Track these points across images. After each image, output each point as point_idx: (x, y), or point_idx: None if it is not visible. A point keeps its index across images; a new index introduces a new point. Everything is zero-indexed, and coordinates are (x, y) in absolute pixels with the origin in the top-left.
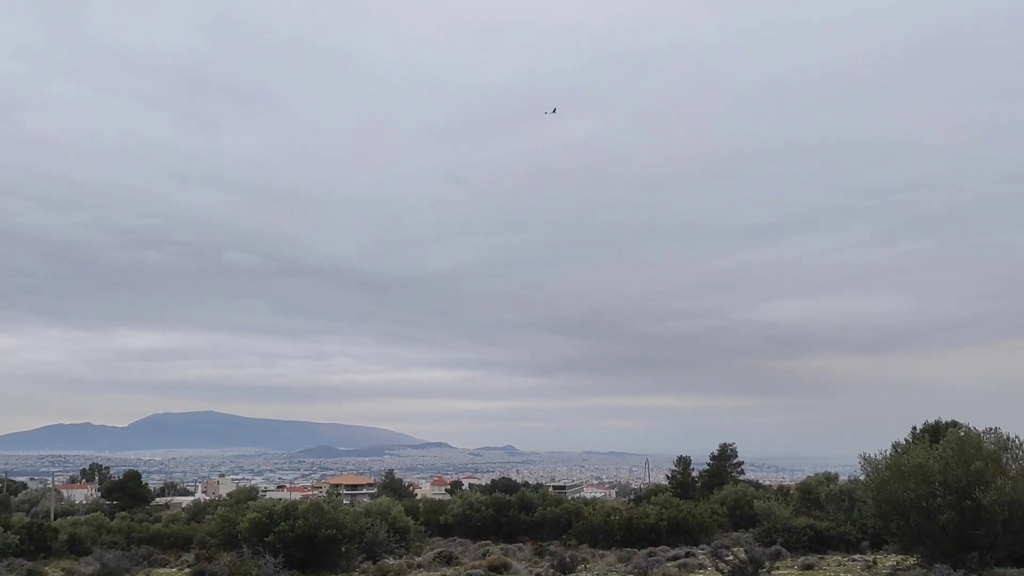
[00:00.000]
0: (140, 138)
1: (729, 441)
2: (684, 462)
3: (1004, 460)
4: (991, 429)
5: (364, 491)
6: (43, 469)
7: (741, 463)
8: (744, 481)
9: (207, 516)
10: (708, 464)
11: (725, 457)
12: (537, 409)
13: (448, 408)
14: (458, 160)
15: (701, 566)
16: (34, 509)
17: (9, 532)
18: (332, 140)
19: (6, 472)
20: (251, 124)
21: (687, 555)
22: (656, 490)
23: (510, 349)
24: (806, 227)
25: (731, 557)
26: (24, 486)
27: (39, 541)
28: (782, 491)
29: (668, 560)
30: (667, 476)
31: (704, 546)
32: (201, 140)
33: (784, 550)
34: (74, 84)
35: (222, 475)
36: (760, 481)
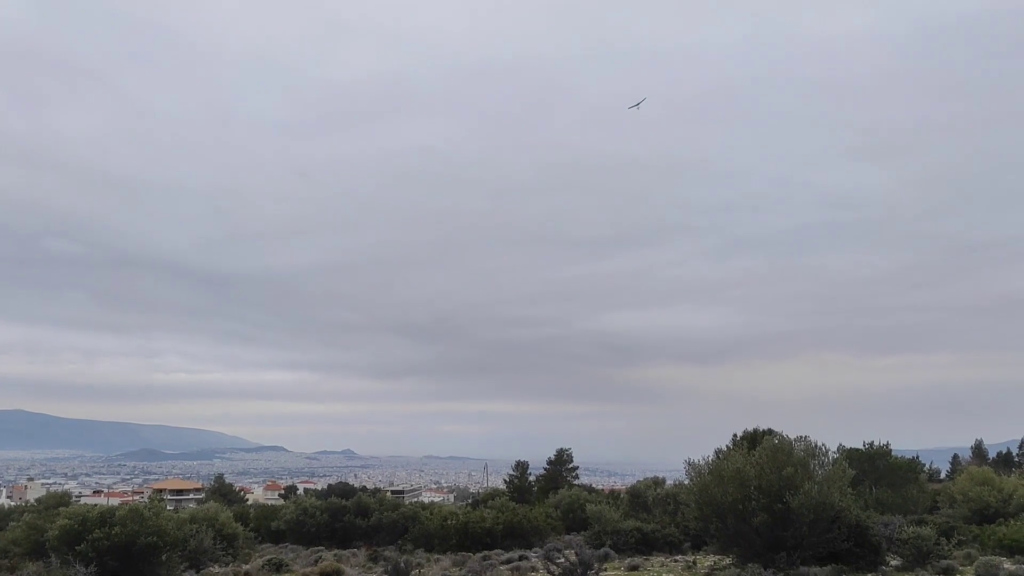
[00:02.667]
0: None
1: (566, 446)
2: (522, 467)
3: (812, 466)
4: (801, 437)
5: (191, 496)
6: None
7: (576, 468)
8: (578, 485)
9: (11, 523)
10: (545, 469)
11: (561, 462)
12: (379, 412)
13: (285, 411)
14: (306, 156)
15: (533, 569)
16: None
17: None
18: (169, 126)
19: None
20: (80, 103)
21: (520, 558)
22: (494, 494)
23: (353, 351)
24: (644, 241)
25: (562, 560)
26: None
27: None
28: (614, 495)
29: (502, 564)
30: (505, 480)
31: (538, 549)
32: (22, 118)
33: (612, 552)
34: None
35: (31, 479)
36: (594, 485)
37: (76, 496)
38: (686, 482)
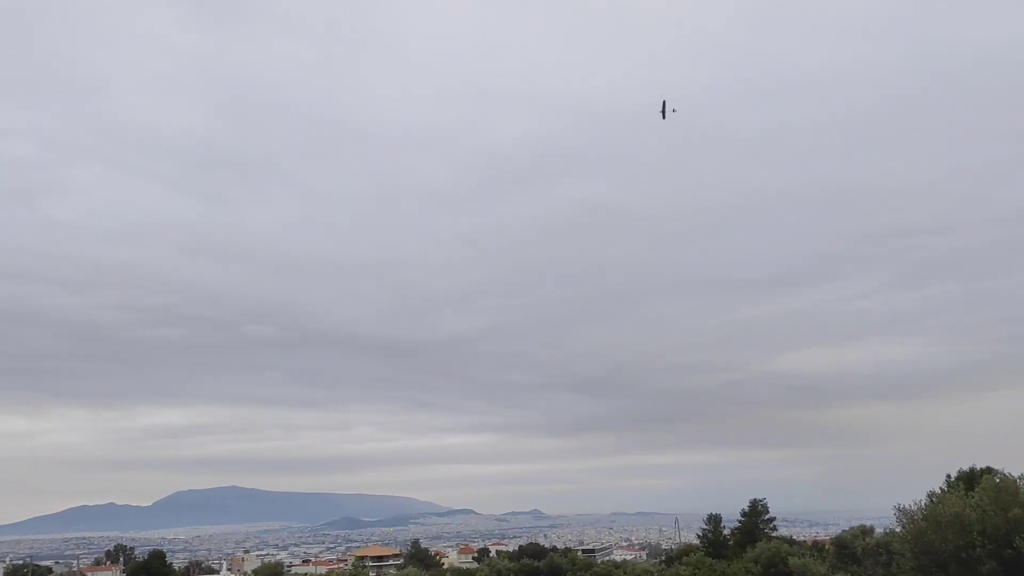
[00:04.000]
0: (158, 217)
1: (759, 496)
2: (715, 520)
3: None
4: None
5: (391, 562)
6: (68, 552)
7: (773, 519)
8: (777, 537)
9: None
10: (739, 521)
11: (756, 513)
12: (562, 471)
13: (472, 473)
14: (469, 223)
15: None
16: None
17: None
18: (344, 209)
19: (31, 556)
20: (263, 198)
21: None
22: (687, 550)
23: (531, 411)
24: (819, 275)
25: None
26: (49, 570)
27: None
28: (817, 547)
29: None
30: (698, 535)
31: None
32: (216, 215)
33: None
34: (93, 168)
35: (247, 551)
36: (794, 537)
37: (288, 566)
38: (898, 530)
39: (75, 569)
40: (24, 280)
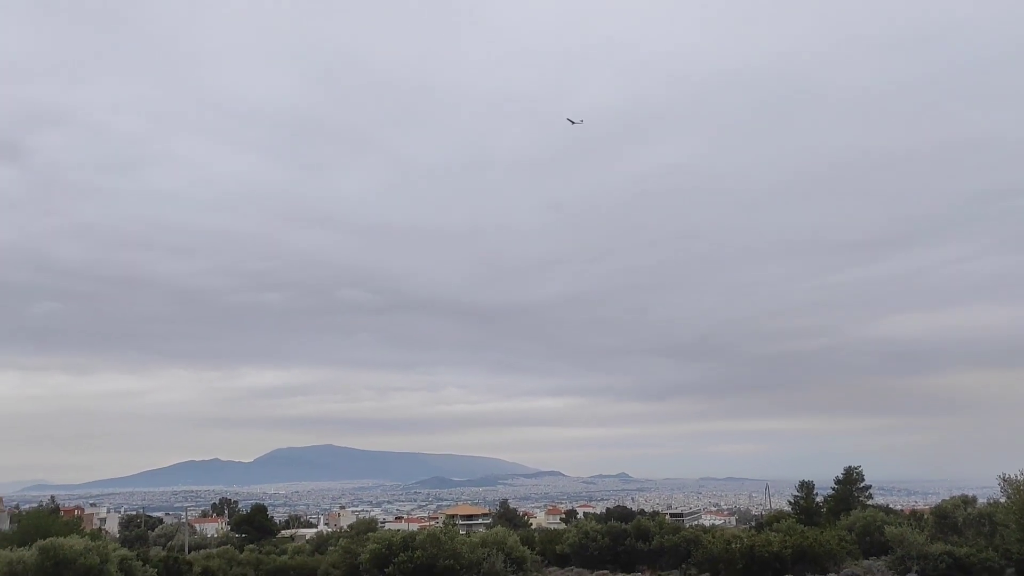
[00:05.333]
0: (256, 186)
1: (854, 464)
2: (807, 487)
3: None
4: None
5: (479, 521)
6: (176, 504)
7: (868, 487)
8: (873, 506)
9: (330, 548)
10: (833, 489)
11: (851, 481)
12: (650, 435)
13: (560, 436)
14: (554, 188)
15: None
16: (170, 543)
17: (147, 566)
18: (433, 176)
19: (143, 508)
20: (355, 165)
21: None
22: (778, 516)
23: (618, 375)
24: (922, 238)
25: None
26: (160, 521)
27: (175, 574)
28: (915, 516)
29: None
30: (789, 502)
31: (832, 574)
32: (311, 184)
33: None
34: (194, 139)
35: (343, 507)
36: (890, 506)
37: (381, 522)
38: (1002, 500)
39: (184, 520)
40: (132, 248)
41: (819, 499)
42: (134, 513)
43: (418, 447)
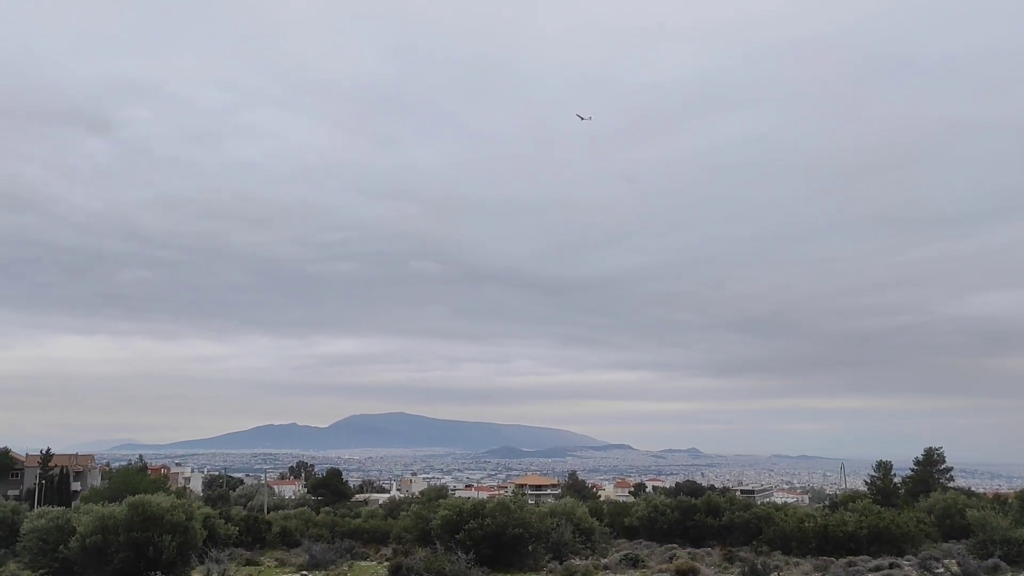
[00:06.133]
0: (333, 158)
1: (935, 445)
2: (884, 467)
3: None
4: None
5: (548, 492)
6: (256, 466)
7: (950, 469)
8: (954, 488)
9: (402, 513)
10: (912, 470)
11: (931, 462)
12: (721, 411)
13: (629, 409)
14: (630, 162)
15: None
16: (250, 503)
17: (230, 524)
18: (506, 149)
19: (224, 468)
20: (430, 138)
21: (891, 566)
22: (853, 496)
23: (690, 350)
24: (1014, 212)
25: (941, 570)
26: (241, 482)
27: (255, 533)
28: (998, 500)
29: (870, 571)
30: (865, 482)
31: (910, 557)
32: (387, 157)
33: (1004, 564)
34: (273, 112)
35: (414, 474)
36: (972, 489)
37: (452, 490)
38: None
39: (263, 482)
40: (215, 218)
41: (897, 480)
42: (216, 473)
43: (488, 417)
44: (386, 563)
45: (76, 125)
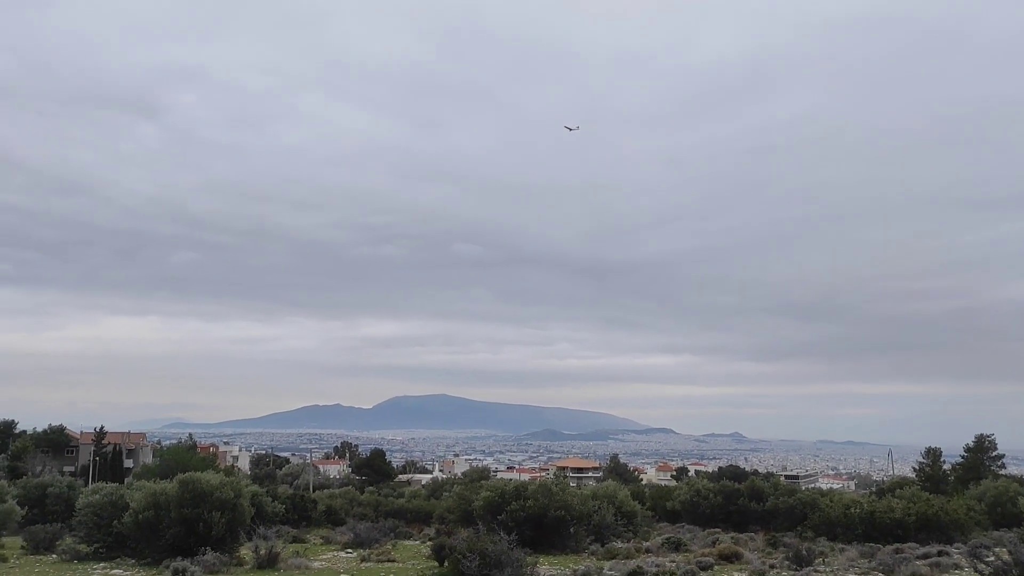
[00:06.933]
0: (376, 141)
1: (986, 431)
2: (933, 454)
3: None
4: None
5: (590, 474)
6: (302, 446)
7: (1001, 456)
8: (1005, 476)
9: (445, 493)
10: (962, 456)
11: (982, 449)
12: (765, 396)
13: (672, 393)
14: (673, 143)
15: (956, 566)
16: (296, 482)
17: (276, 502)
18: (548, 131)
19: (271, 448)
20: (472, 122)
21: (939, 554)
22: (901, 483)
23: (733, 334)
24: None
25: (992, 558)
26: (287, 461)
27: (301, 511)
28: None
29: (918, 558)
30: (914, 468)
31: (959, 545)
32: (428, 140)
33: None
34: (317, 96)
35: (456, 455)
36: None
37: (493, 471)
38: None
39: (309, 461)
40: (260, 201)
41: (946, 467)
42: (263, 452)
43: (530, 399)
44: (429, 543)
45: (126, 110)
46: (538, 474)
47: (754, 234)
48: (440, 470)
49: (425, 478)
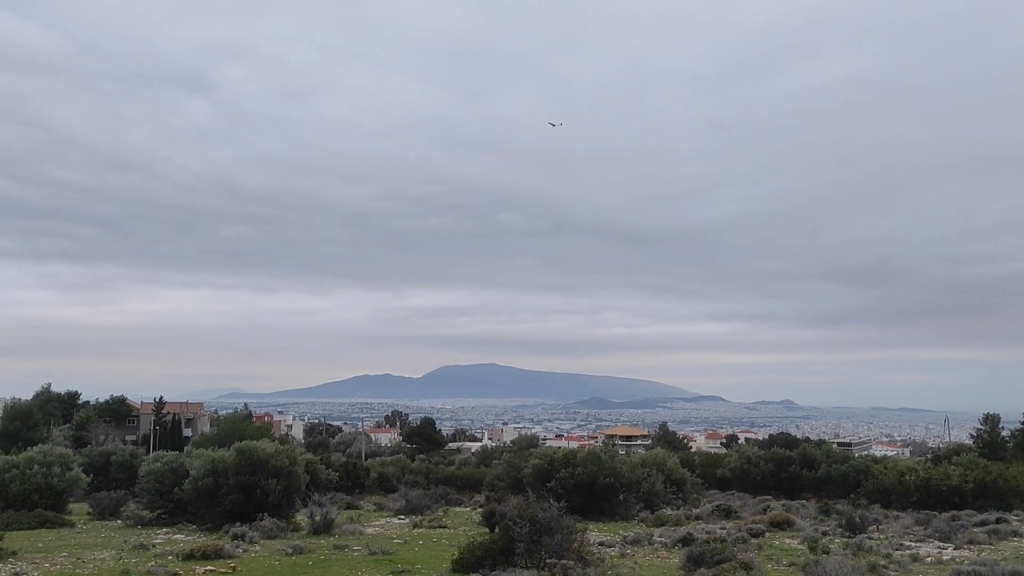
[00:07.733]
0: (420, 113)
1: None
2: (992, 420)
3: None
4: None
5: (639, 442)
6: (353, 415)
7: None
8: None
9: (494, 461)
10: (1021, 423)
11: None
12: (817, 362)
13: (721, 361)
14: (720, 107)
15: (1015, 533)
16: (348, 450)
17: (330, 470)
18: (593, 98)
19: (323, 417)
20: (516, 91)
21: (998, 521)
22: (958, 450)
23: (783, 300)
24: None
25: None
26: (339, 430)
27: (354, 478)
28: None
29: (975, 526)
30: (971, 435)
31: (1018, 512)
32: (473, 110)
33: None
34: (362, 68)
35: (505, 423)
36: None
37: (542, 439)
38: None
39: (360, 430)
40: (307, 173)
41: (1005, 433)
42: (316, 422)
43: (578, 368)
44: (479, 509)
45: (176, 86)
46: (587, 442)
47: (804, 198)
48: (489, 438)
49: (475, 446)
